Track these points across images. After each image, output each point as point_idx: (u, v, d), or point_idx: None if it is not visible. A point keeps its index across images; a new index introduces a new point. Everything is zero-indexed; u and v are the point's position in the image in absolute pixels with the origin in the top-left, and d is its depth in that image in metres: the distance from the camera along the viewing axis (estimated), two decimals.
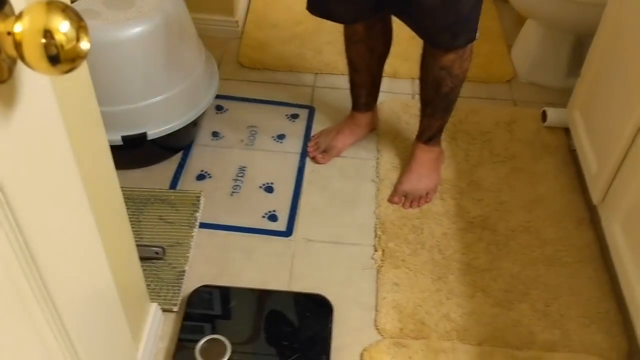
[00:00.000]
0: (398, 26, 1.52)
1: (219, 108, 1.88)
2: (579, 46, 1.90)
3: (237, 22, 2.12)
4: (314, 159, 1.74)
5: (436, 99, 1.56)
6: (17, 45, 0.46)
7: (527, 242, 1.55)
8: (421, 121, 1.64)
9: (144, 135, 1.55)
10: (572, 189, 1.67)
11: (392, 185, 1.67)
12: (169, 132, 1.59)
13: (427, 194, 1.63)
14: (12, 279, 0.57)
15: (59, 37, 0.46)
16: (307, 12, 1.52)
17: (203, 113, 1.71)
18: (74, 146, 0.72)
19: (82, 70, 0.87)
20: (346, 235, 1.56)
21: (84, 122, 0.89)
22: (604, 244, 1.49)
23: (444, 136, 1.72)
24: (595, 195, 1.50)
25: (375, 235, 1.56)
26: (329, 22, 1.53)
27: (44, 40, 0.45)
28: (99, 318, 0.91)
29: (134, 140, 1.54)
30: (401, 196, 1.63)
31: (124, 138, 1.52)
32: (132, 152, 1.61)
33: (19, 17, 0.46)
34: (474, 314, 1.41)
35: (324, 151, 1.74)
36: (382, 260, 1.51)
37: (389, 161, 1.73)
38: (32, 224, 0.58)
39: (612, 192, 1.42)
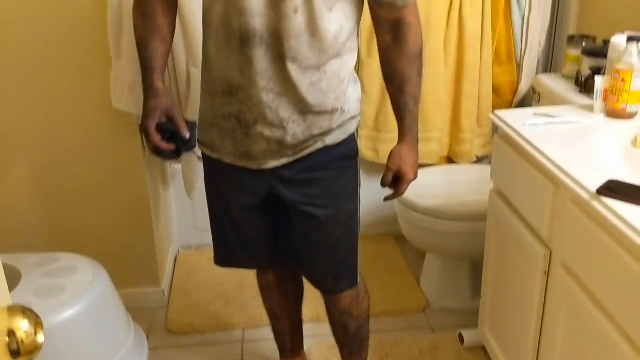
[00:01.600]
0: None
1: None
2: (476, 270, 2.12)
3: (163, 291, 2.23)
4: None
5: (347, 341, 1.66)
6: None
7: None
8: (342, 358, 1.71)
9: None
10: None
11: None
12: None
13: None
14: None
15: (20, 335, 0.55)
16: (229, 272, 1.66)
17: None
18: None
19: None
20: None
21: None
22: None
23: None
24: None
25: None
26: (250, 277, 1.67)
27: (7, 339, 0.54)
28: None
29: None
30: None
31: None
32: None
33: None
34: None
35: None
36: None
37: None
38: None
39: None
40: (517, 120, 1.55)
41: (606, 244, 1.13)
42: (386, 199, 1.49)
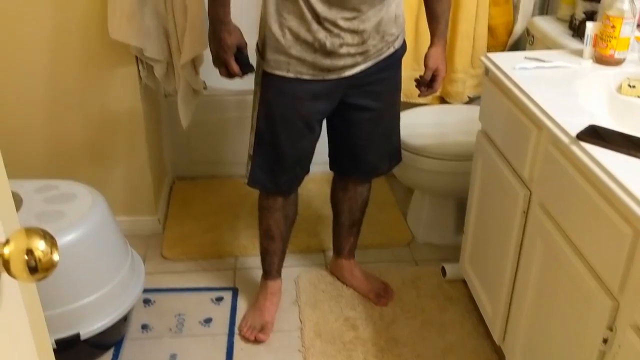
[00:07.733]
0: (304, 202, 1.75)
1: (146, 301, 1.98)
2: (461, 208, 2.20)
3: (158, 219, 2.30)
4: (256, 339, 1.83)
5: (362, 216, 1.96)
6: (5, 263, 0.60)
7: None
8: (346, 242, 1.99)
9: (77, 336, 1.62)
10: (478, 334, 1.85)
11: (318, 353, 1.78)
12: (101, 330, 1.67)
13: (384, 285, 1.99)
14: None
15: (38, 254, 0.61)
16: (222, 203, 1.72)
17: (132, 308, 1.80)
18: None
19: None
20: None
21: (36, 327, 0.99)
22: None
23: (358, 300, 1.90)
24: (496, 336, 1.69)
25: None
26: (243, 210, 1.74)
27: (26, 257, 0.60)
28: None
29: (67, 342, 1.61)
30: (380, 297, 1.96)
31: (57, 341, 1.58)
32: (64, 355, 1.65)
33: (6, 242, 0.61)
34: None
35: (262, 330, 1.85)
36: None
37: (312, 329, 1.86)
38: None
39: (509, 331, 1.61)
40: (508, 63, 1.58)
41: (582, 188, 1.19)
42: (422, 95, 1.72)
